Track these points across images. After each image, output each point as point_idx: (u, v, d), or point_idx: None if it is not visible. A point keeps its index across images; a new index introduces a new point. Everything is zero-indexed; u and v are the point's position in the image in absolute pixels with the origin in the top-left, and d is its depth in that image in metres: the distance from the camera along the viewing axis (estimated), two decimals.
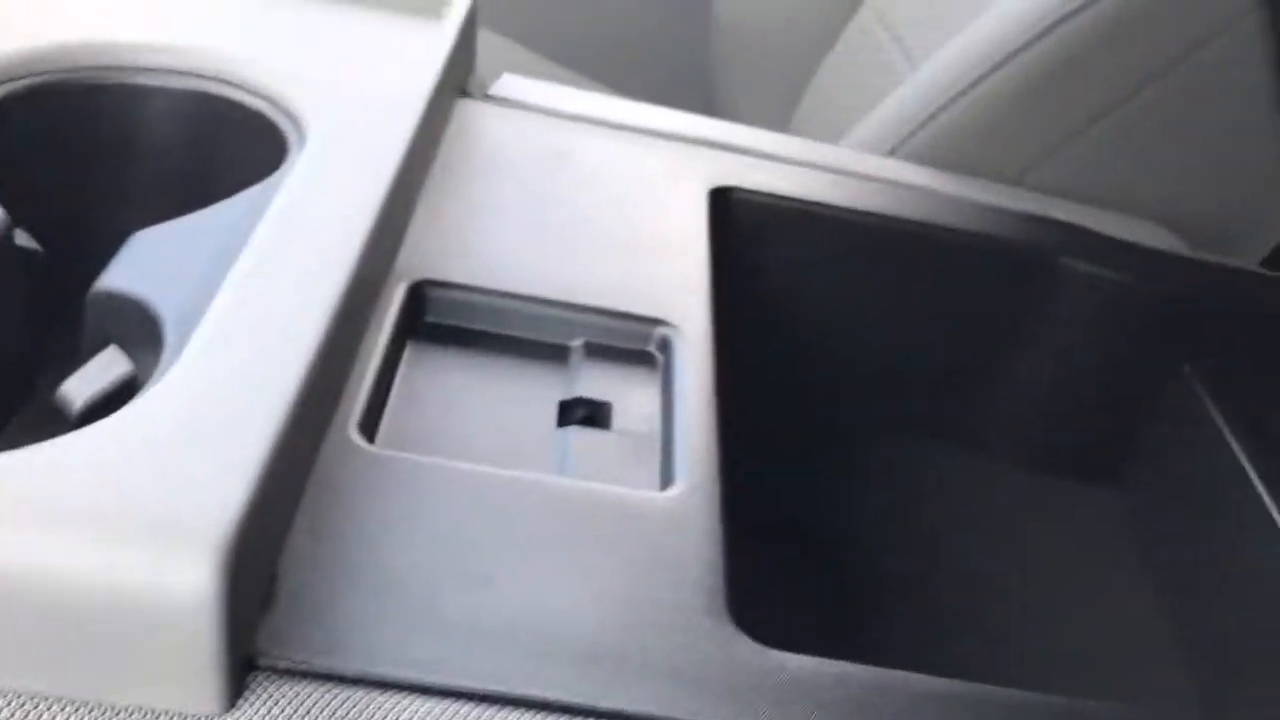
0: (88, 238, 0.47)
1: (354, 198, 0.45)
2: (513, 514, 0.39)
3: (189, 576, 0.30)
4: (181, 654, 0.31)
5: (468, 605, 0.35)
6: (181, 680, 0.31)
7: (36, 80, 0.49)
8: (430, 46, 0.57)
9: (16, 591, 0.30)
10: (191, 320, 0.38)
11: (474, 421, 0.44)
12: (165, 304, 0.40)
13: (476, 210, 0.52)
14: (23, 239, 0.46)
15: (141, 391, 0.36)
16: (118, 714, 0.31)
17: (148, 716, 0.31)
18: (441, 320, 0.48)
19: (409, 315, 0.47)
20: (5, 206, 0.45)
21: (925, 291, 0.62)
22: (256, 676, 0.33)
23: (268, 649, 0.33)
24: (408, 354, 0.46)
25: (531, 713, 0.33)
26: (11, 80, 0.49)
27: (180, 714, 0.31)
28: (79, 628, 0.31)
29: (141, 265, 0.42)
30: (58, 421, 0.39)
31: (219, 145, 0.51)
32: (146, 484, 0.32)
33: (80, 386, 0.40)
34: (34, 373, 0.47)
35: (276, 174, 0.47)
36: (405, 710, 0.33)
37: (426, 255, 0.49)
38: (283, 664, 0.33)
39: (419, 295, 0.47)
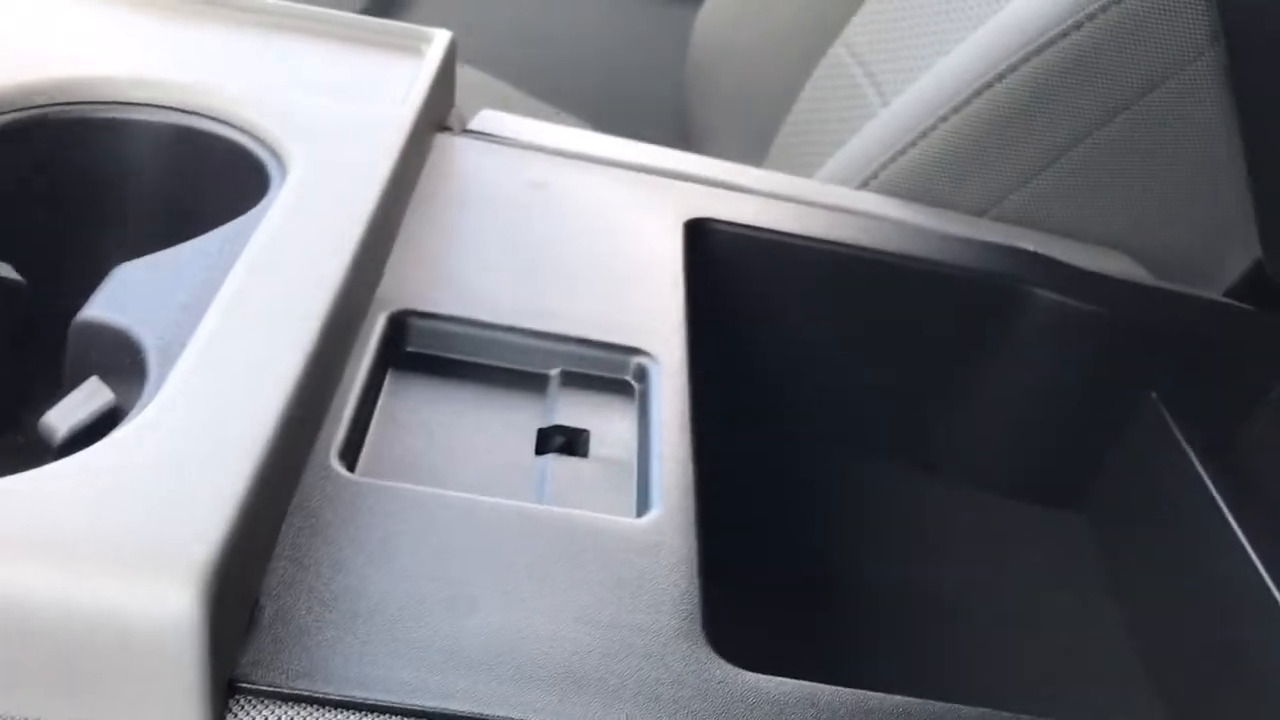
0: (71, 270, 0.47)
1: (335, 230, 0.46)
2: (492, 540, 0.39)
3: (172, 603, 0.31)
4: (165, 678, 0.31)
5: (448, 630, 0.36)
6: (165, 704, 0.32)
7: (20, 114, 0.50)
8: (410, 82, 0.58)
9: (1, 618, 0.30)
10: (174, 351, 0.39)
11: (453, 449, 0.44)
12: (148, 334, 0.40)
13: (456, 242, 0.53)
14: (5, 270, 0.47)
15: (124, 422, 0.37)
16: None
17: None
18: (421, 350, 0.48)
19: (389, 345, 0.47)
20: None
21: (896, 321, 0.63)
22: (239, 700, 0.33)
23: (250, 673, 0.33)
24: (388, 383, 0.47)
25: None
26: None
27: None
28: (63, 654, 0.31)
29: (124, 296, 0.42)
30: (40, 452, 0.40)
31: (202, 178, 0.52)
32: (129, 512, 0.32)
33: (62, 417, 0.40)
34: (16, 404, 0.47)
35: (258, 207, 0.47)
36: None
37: (406, 286, 0.49)
38: (265, 688, 0.33)
39: (399, 325, 0.48)
